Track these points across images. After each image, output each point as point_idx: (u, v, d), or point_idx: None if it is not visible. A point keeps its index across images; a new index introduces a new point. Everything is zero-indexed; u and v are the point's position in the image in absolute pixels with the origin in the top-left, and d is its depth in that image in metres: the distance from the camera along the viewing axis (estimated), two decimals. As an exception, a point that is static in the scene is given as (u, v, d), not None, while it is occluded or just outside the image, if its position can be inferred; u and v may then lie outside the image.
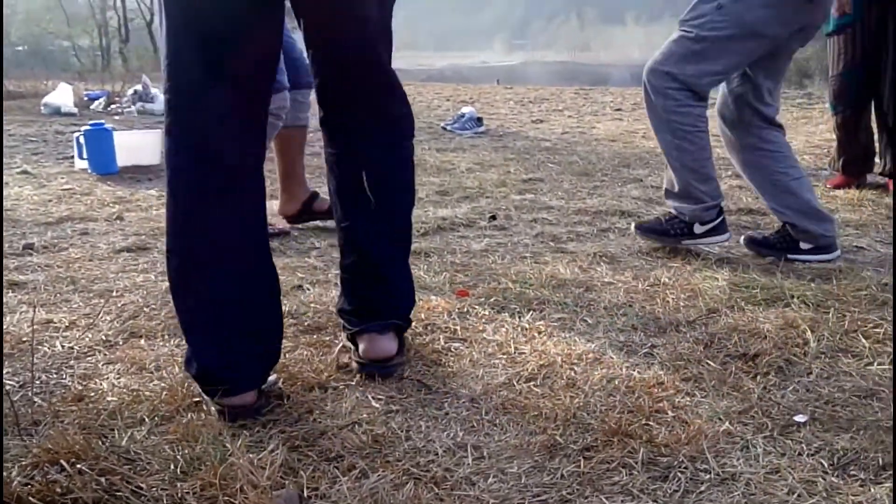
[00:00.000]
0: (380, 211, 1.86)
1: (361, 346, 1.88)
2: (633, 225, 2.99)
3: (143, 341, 2.10)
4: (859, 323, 2.12)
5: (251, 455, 1.49)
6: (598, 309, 2.29)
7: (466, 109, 7.04)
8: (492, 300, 2.36)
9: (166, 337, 2.12)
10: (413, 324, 2.06)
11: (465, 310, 2.29)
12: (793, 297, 2.32)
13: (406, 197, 1.94)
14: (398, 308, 1.95)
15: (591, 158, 5.17)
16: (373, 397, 1.75)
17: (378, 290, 1.92)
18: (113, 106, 8.82)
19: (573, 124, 7.22)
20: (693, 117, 2.77)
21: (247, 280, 1.70)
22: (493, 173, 4.64)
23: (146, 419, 1.65)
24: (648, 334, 2.10)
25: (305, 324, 2.20)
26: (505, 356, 1.96)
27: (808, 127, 6.59)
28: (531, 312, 2.26)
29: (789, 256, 2.79)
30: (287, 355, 1.96)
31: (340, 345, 2.00)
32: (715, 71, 2.72)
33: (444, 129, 6.69)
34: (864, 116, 4.08)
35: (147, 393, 1.77)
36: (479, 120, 6.80)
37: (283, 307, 1.97)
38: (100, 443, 1.54)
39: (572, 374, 1.85)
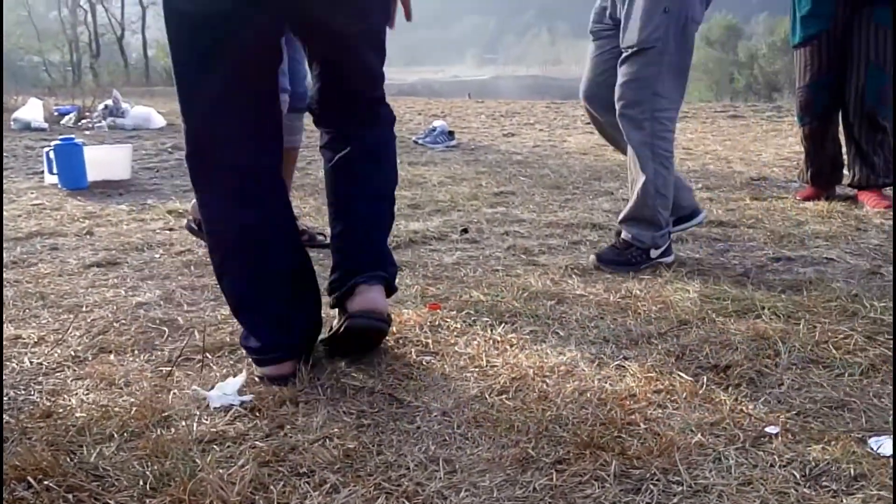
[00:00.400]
0: (366, 180, 2.05)
1: (351, 302, 1.97)
2: (591, 257, 2.92)
3: (112, 356, 2.07)
4: (830, 334, 2.14)
5: (221, 470, 1.47)
6: (569, 321, 2.29)
7: (438, 123, 7.06)
8: (463, 313, 2.36)
9: (136, 352, 2.10)
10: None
11: (437, 323, 2.28)
12: (763, 308, 2.34)
13: (391, 172, 2.14)
14: (385, 265, 2.06)
15: (562, 171, 5.20)
16: (344, 411, 1.73)
17: (366, 250, 2.05)
18: (84, 121, 8.76)
19: (544, 138, 7.25)
20: (672, 141, 2.81)
21: (280, 263, 1.94)
22: (464, 187, 4.65)
23: (115, 435, 1.63)
24: (620, 346, 2.10)
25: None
26: (477, 369, 1.96)
27: (778, 139, 6.67)
28: (503, 325, 2.26)
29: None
30: (258, 370, 1.95)
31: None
32: (686, 75, 2.78)
33: (415, 142, 6.70)
34: (832, 128, 4.12)
35: (116, 409, 1.75)
36: (451, 134, 6.83)
37: None
38: (68, 459, 1.52)
39: (544, 386, 1.84)
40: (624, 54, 2.80)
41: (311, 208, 4.04)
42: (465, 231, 3.45)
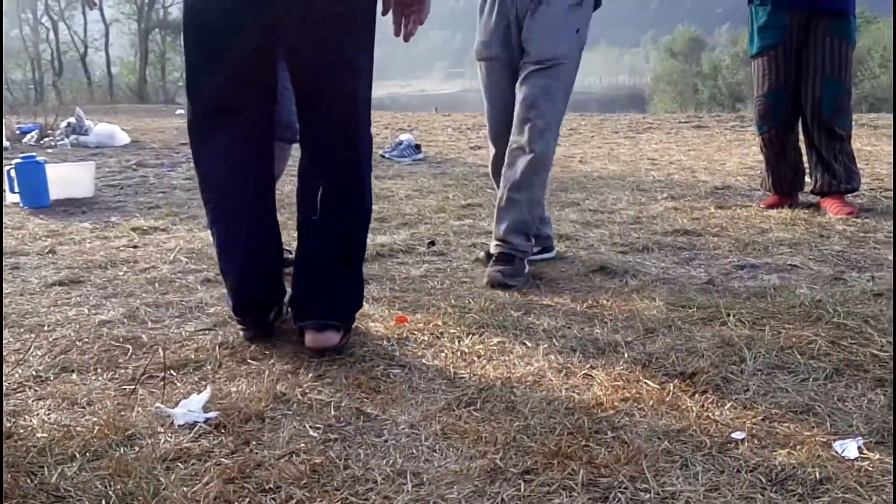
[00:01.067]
0: (324, 223, 2.11)
1: (305, 338, 2.13)
2: (487, 280, 2.81)
3: (74, 376, 2.04)
4: (794, 339, 2.16)
5: (185, 488, 1.45)
6: (536, 332, 2.29)
7: (404, 136, 7.07)
8: (431, 325, 2.35)
9: (99, 371, 2.07)
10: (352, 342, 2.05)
11: (405, 335, 2.27)
12: (729, 315, 2.35)
13: (353, 213, 2.17)
14: (333, 311, 2.13)
15: (529, 183, 5.21)
16: (310, 426, 1.72)
17: (315, 295, 2.14)
18: (46, 139, 8.66)
19: (512, 150, 7.26)
20: None
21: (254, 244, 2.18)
22: (431, 199, 4.65)
23: (77, 455, 1.60)
24: (587, 356, 2.11)
25: (241, 354, 2.16)
26: (444, 381, 1.95)
27: (742, 149, 6.74)
28: (470, 336, 2.25)
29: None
30: (224, 387, 1.93)
31: None
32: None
33: (382, 156, 6.69)
34: (792, 136, 4.18)
35: (78, 428, 1.72)
36: (418, 147, 6.83)
37: (218, 337, 2.24)
38: (28, 480, 1.49)
39: (512, 397, 1.84)
40: (536, 67, 2.88)
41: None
42: (433, 244, 3.45)
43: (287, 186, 3.07)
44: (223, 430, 1.70)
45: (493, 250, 2.90)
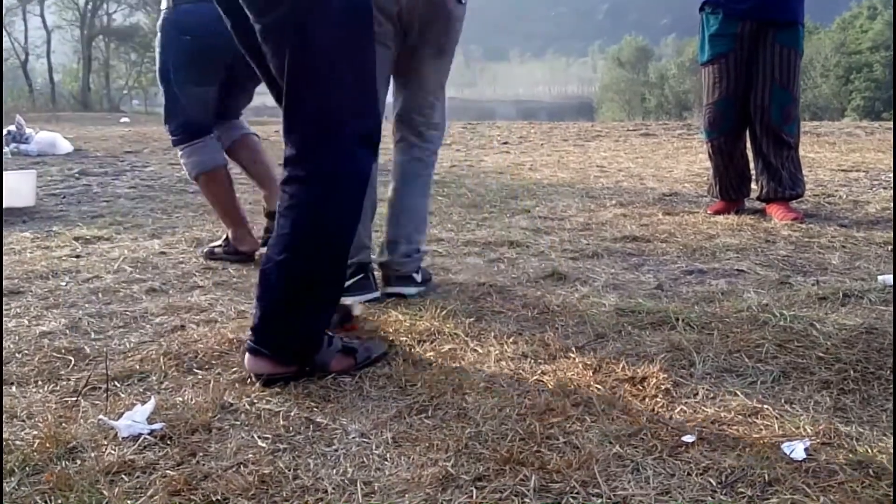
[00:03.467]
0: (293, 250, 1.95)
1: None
2: (414, 290, 2.76)
3: (14, 388, 1.98)
4: (742, 343, 2.18)
5: (129, 502, 1.41)
6: (488, 338, 2.28)
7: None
8: (381, 333, 2.33)
9: (40, 383, 2.01)
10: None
11: (355, 344, 2.25)
12: (678, 319, 2.37)
13: (323, 243, 1.98)
14: (279, 339, 1.97)
15: (479, 191, 5.23)
16: (259, 436, 1.69)
17: (264, 322, 1.98)
18: (-15, 147, 8.46)
19: (461, 158, 7.29)
20: None
21: None
22: (382, 208, 4.57)
23: (16, 470, 1.55)
24: (539, 361, 2.10)
25: (188, 364, 2.12)
26: (395, 389, 1.93)
27: (689, 156, 6.84)
28: (422, 344, 2.24)
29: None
30: (169, 397, 1.89)
31: None
32: None
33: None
34: (739, 143, 4.25)
35: (18, 442, 1.67)
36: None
37: (163, 347, 2.17)
38: (-37, 498, 1.44)
39: (464, 404, 1.82)
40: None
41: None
42: None
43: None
44: (169, 442, 1.66)
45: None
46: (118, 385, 1.99)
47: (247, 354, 2.00)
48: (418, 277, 2.75)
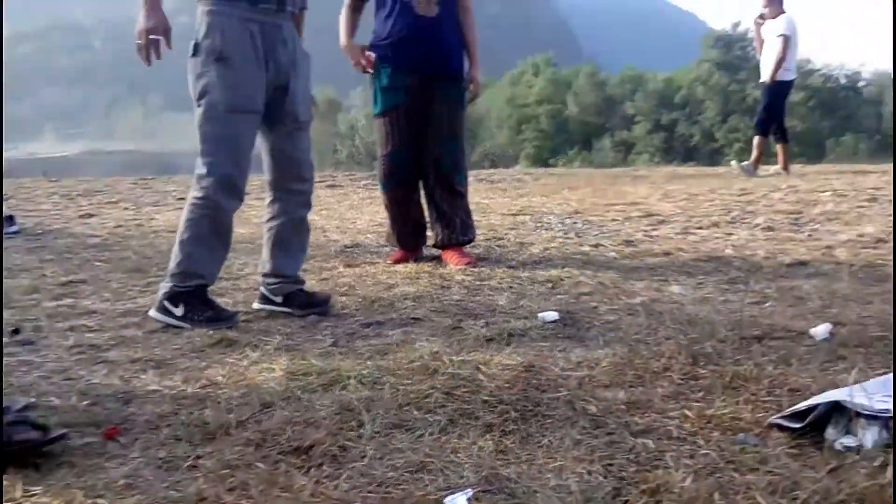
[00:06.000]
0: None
1: None
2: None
3: None
4: (412, 395, 2.12)
5: None
6: (137, 424, 2.03)
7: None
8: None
9: None
10: None
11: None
12: (349, 378, 2.27)
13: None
14: None
15: (146, 252, 4.85)
16: None
17: None
18: None
19: (129, 217, 6.78)
20: None
21: None
22: (22, 279, 4.04)
23: None
24: (194, 444, 1.89)
25: None
26: None
27: (373, 207, 6.88)
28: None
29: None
30: None
31: None
32: None
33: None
34: (414, 193, 4.33)
35: None
36: (11, 219, 5.96)
37: None
38: None
39: (102, 507, 1.59)
40: (299, 127, 3.18)
41: None
42: (17, 332, 2.96)
43: None
44: None
45: None
46: None
47: None
48: None
